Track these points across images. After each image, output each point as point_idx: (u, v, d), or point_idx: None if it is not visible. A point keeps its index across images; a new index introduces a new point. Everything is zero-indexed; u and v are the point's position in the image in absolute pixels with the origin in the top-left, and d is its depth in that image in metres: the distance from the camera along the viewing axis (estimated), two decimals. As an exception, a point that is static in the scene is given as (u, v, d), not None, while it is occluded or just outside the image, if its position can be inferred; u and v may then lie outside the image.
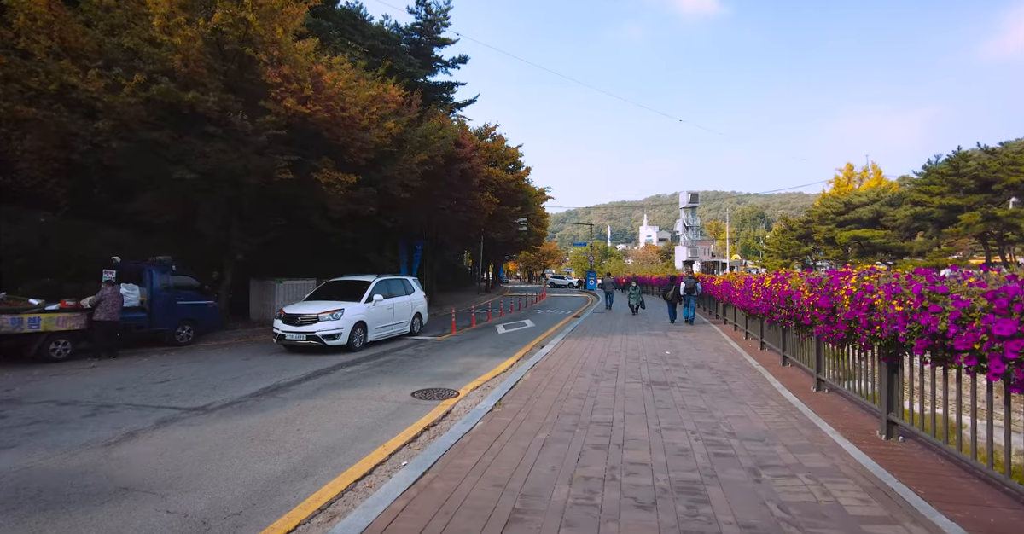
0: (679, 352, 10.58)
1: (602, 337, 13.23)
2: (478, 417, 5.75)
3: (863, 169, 53.18)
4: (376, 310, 12.26)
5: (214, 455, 5.02)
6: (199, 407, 6.87)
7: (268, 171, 12.49)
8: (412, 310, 14.10)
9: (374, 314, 12.18)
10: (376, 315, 12.27)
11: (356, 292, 12.22)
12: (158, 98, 10.35)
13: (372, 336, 12.12)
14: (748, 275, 13.42)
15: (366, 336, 11.86)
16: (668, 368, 8.72)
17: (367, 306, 11.97)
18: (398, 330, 13.38)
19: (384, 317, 12.66)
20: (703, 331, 14.77)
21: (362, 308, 11.82)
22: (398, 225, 21.38)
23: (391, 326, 13.00)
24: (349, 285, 12.72)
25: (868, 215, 32.07)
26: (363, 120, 13.00)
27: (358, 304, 11.80)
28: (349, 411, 6.66)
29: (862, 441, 4.76)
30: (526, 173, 26.41)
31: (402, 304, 13.54)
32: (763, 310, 8.84)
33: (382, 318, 12.56)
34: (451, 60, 26.87)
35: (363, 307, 11.87)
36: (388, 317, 12.84)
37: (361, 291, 12.23)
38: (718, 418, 5.66)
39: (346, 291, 12.35)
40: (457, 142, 19.30)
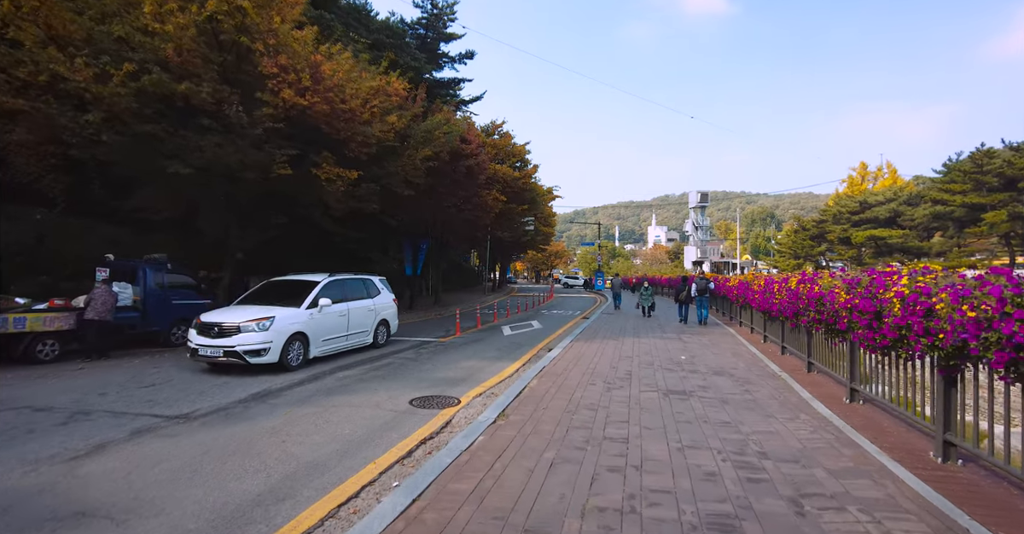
0: (695, 357, 10.00)
1: (612, 340, 12.66)
2: (479, 431, 5.23)
3: (877, 168, 52.12)
4: (322, 318, 9.82)
5: (186, 472, 4.54)
6: (181, 415, 6.40)
7: (266, 166, 12.04)
8: (375, 317, 11.62)
9: (320, 323, 9.74)
10: (323, 324, 9.83)
11: (297, 295, 9.85)
12: (150, 89, 9.92)
13: (317, 351, 9.71)
14: (768, 275, 12.81)
15: (307, 351, 9.41)
16: (685, 375, 8.15)
17: (308, 313, 9.54)
18: (356, 342, 10.99)
19: (334, 326, 10.24)
20: (717, 333, 14.16)
21: (301, 315, 9.39)
22: (402, 224, 20.92)
23: (345, 338, 10.60)
24: (291, 286, 10.46)
25: (885, 214, 31.19)
26: (364, 113, 12.52)
27: (296, 311, 9.36)
28: (341, 420, 6.16)
29: (915, 464, 4.18)
30: (533, 171, 25.88)
31: (361, 310, 11.10)
32: (787, 313, 8.24)
33: (331, 327, 10.13)
34: (457, 56, 26.39)
35: (303, 314, 9.43)
36: (340, 326, 10.43)
37: (304, 294, 9.87)
38: (745, 434, 5.10)
39: (286, 293, 10.09)
40: (463, 138, 18.79)
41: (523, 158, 26.21)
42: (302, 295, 9.86)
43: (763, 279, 10.67)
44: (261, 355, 8.64)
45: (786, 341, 10.09)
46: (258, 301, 10.01)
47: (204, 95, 10.27)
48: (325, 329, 9.95)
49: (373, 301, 11.72)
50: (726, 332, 14.51)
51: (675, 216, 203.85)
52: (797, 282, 7.48)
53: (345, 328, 10.61)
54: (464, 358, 10.71)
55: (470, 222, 22.18)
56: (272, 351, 8.72)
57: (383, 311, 12.06)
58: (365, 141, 13.11)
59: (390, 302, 12.49)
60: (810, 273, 7.29)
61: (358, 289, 11.49)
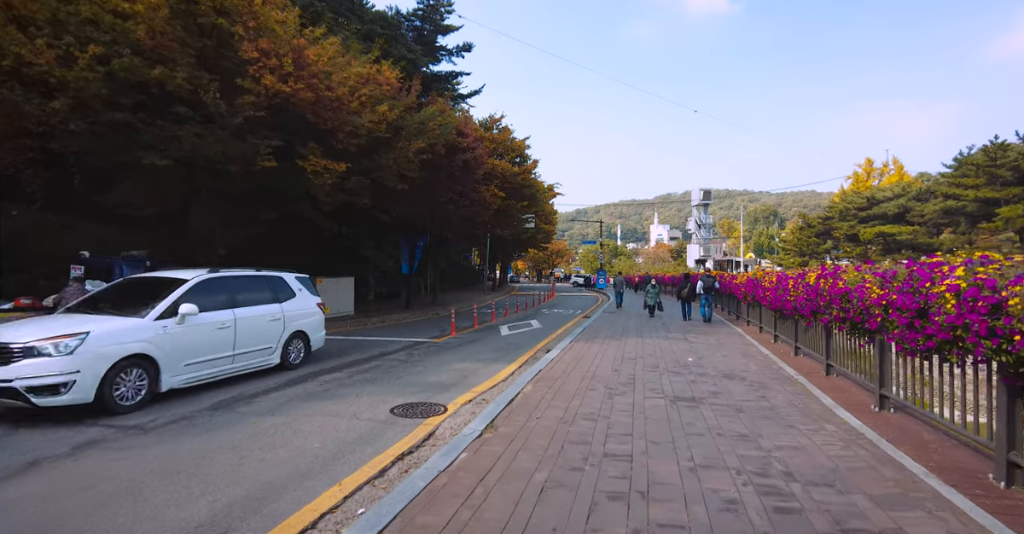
0: (703, 358, 9.35)
1: (615, 340, 12.01)
2: (462, 446, 4.59)
3: (883, 164, 51.34)
4: (185, 332, 6.90)
5: (120, 497, 3.92)
6: (138, 424, 5.79)
7: (249, 158, 11.43)
8: (283, 329, 8.60)
9: (180, 340, 6.83)
10: (186, 341, 6.91)
11: (152, 299, 6.94)
12: (121, 74, 9.32)
13: (177, 380, 6.82)
14: (780, 271, 12.16)
15: (156, 381, 6.54)
16: (694, 379, 7.50)
17: (159, 326, 6.65)
18: (249, 364, 7.97)
19: (209, 343, 7.22)
20: (724, 333, 13.51)
21: (145, 330, 6.50)
22: (397, 220, 20.31)
23: (229, 359, 7.56)
24: (147, 286, 7.53)
25: (893, 210, 30.43)
26: (352, 102, 11.90)
27: (137, 323, 6.51)
28: (312, 432, 5.54)
29: (973, 490, 3.53)
30: (533, 166, 25.19)
31: (258, 320, 8.11)
32: (804, 311, 7.59)
33: (203, 345, 7.12)
34: (455, 48, 25.74)
35: (148, 328, 6.54)
36: (220, 343, 7.39)
37: (158, 297, 6.95)
38: (766, 449, 4.45)
39: (137, 297, 7.23)
40: (459, 131, 18.16)
41: (523, 153, 25.53)
42: (154, 298, 6.93)
43: (775, 275, 10.01)
44: (59, 392, 5.66)
45: (800, 341, 9.43)
46: (93, 308, 7.08)
47: (179, 81, 9.65)
48: (191, 348, 6.94)
49: (282, 307, 8.72)
50: (733, 331, 13.86)
51: (677, 215, 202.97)
52: (817, 277, 6.82)
53: (230, 345, 7.56)
54: (457, 360, 10.08)
55: (468, 219, 21.55)
56: (80, 386, 5.76)
57: (298, 320, 8.96)
58: (354, 132, 12.48)
59: (312, 308, 9.48)
60: (830, 267, 6.63)
61: (257, 291, 8.46)
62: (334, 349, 11.20)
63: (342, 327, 15.96)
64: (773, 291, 9.82)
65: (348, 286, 18.01)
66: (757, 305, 13.26)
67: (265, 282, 8.83)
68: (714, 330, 14.15)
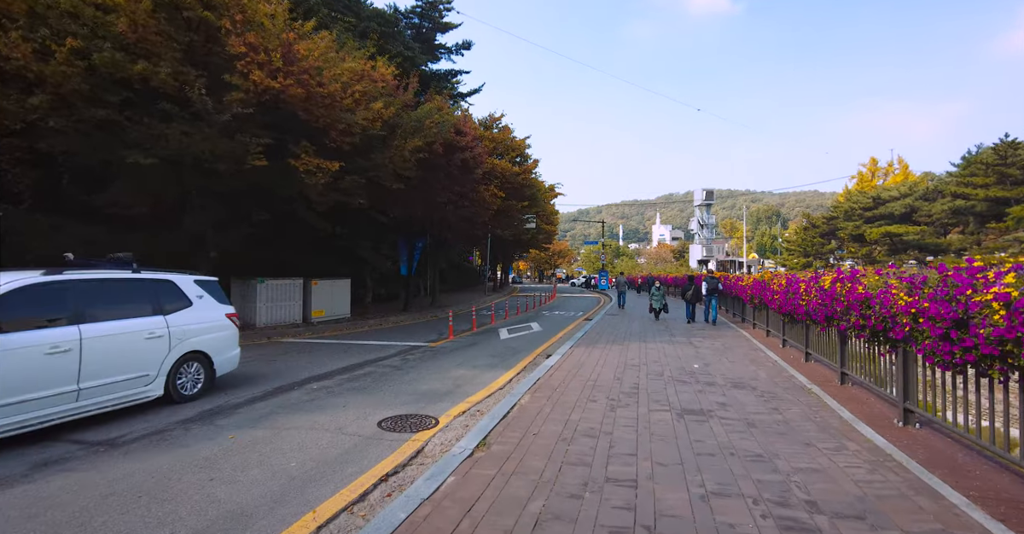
0: (709, 365, 8.93)
1: (617, 345, 11.60)
2: (450, 468, 4.19)
3: (888, 164, 50.87)
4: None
5: (70, 528, 3.53)
6: (107, 440, 5.41)
7: (239, 157, 11.06)
8: (169, 349, 6.61)
9: None
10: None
11: None
12: (103, 69, 8.95)
13: None
14: (790, 273, 11.74)
15: None
16: (701, 388, 7.08)
17: None
18: (111, 399, 5.92)
19: (36, 374, 5.20)
20: (730, 336, 13.09)
21: None
22: (395, 220, 19.93)
23: (72, 394, 5.50)
24: None
25: (900, 210, 29.94)
26: (345, 99, 11.52)
27: None
28: (292, 448, 5.15)
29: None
30: (534, 166, 24.76)
31: (125, 338, 6.13)
32: (818, 316, 7.17)
33: (23, 379, 5.09)
34: (454, 47, 25.37)
35: None
36: (58, 373, 5.39)
37: None
38: (784, 473, 4.04)
39: None
40: (458, 129, 17.76)
41: (523, 153, 25.13)
42: None
43: (784, 278, 9.59)
44: None
45: (812, 347, 9.01)
46: None
47: (163, 76, 9.28)
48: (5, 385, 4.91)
49: (167, 320, 6.67)
50: (739, 335, 13.43)
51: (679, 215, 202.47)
52: (833, 281, 6.40)
53: (71, 376, 5.49)
54: (453, 366, 9.68)
55: (468, 219, 21.15)
56: None
57: (195, 337, 6.97)
58: (347, 130, 12.10)
59: (217, 321, 7.42)
60: (846, 270, 6.22)
61: (125, 300, 6.43)
62: (324, 354, 10.83)
63: (338, 330, 15.59)
64: (783, 294, 9.40)
65: (344, 288, 17.64)
66: (764, 308, 12.84)
67: (140, 287, 6.68)
68: (720, 334, 13.73)
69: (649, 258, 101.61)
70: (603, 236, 56.41)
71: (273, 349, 11.77)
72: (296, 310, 15.99)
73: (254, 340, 13.25)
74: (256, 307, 14.84)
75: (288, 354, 11.03)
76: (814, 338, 8.78)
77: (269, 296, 15.21)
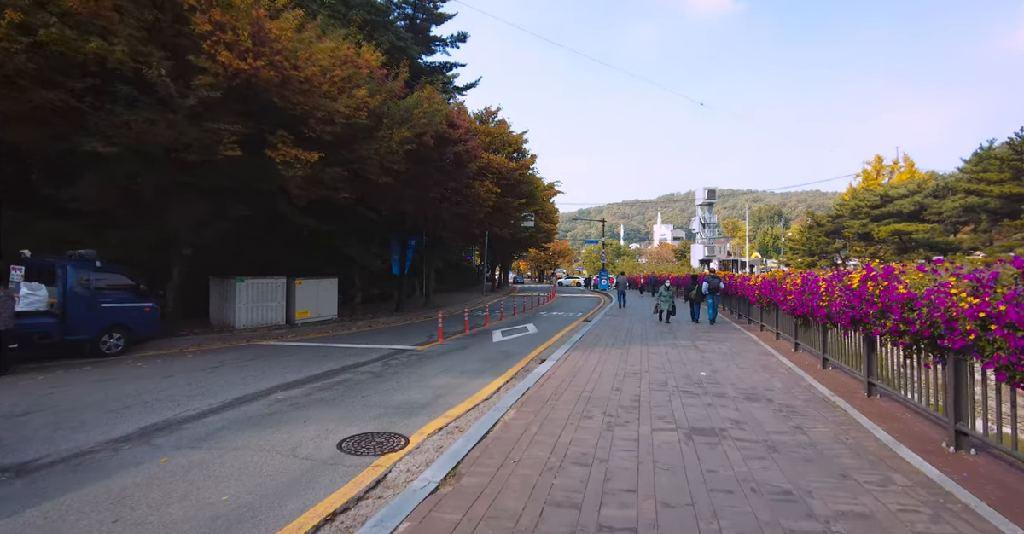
0: (717, 372, 8.12)
1: (616, 348, 10.79)
2: (408, 509, 3.39)
3: (893, 162, 50.05)
4: None
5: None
6: (18, 464, 4.62)
7: (209, 146, 10.28)
8: None
9: None
10: None
11: None
12: (52, 47, 8.16)
13: None
14: (806, 272, 10.93)
15: None
16: (710, 401, 6.27)
17: None
18: None
19: None
20: (737, 339, 12.27)
21: None
22: (386, 217, 19.16)
23: None
24: None
25: (909, 208, 29.07)
26: (324, 84, 10.72)
27: None
28: (231, 475, 4.36)
29: None
30: (531, 161, 23.86)
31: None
32: (841, 319, 6.36)
33: None
34: (449, 38, 24.58)
35: None
36: None
37: None
38: (823, 519, 3.23)
39: None
40: (450, 122, 16.96)
41: (520, 148, 24.29)
42: None
43: (799, 277, 8.78)
44: None
45: (830, 353, 8.19)
46: None
47: (120, 55, 8.49)
48: None
49: None
50: (746, 337, 12.62)
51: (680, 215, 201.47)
52: (863, 279, 5.59)
53: None
54: (438, 372, 8.88)
55: (462, 216, 20.35)
56: None
57: None
58: (328, 118, 11.31)
59: None
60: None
61: None
62: (301, 359, 10.03)
63: (324, 332, 14.80)
64: (797, 295, 8.59)
65: (331, 288, 16.85)
66: (774, 309, 12.02)
67: None
68: (725, 336, 12.91)
69: (650, 258, 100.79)
70: (604, 235, 55.51)
71: (249, 352, 10.98)
72: (279, 311, 15.20)
73: (231, 342, 12.47)
74: (235, 308, 14.05)
75: (262, 358, 10.24)
76: (833, 343, 7.96)
77: (250, 296, 14.42)
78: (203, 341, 12.34)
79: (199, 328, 13.81)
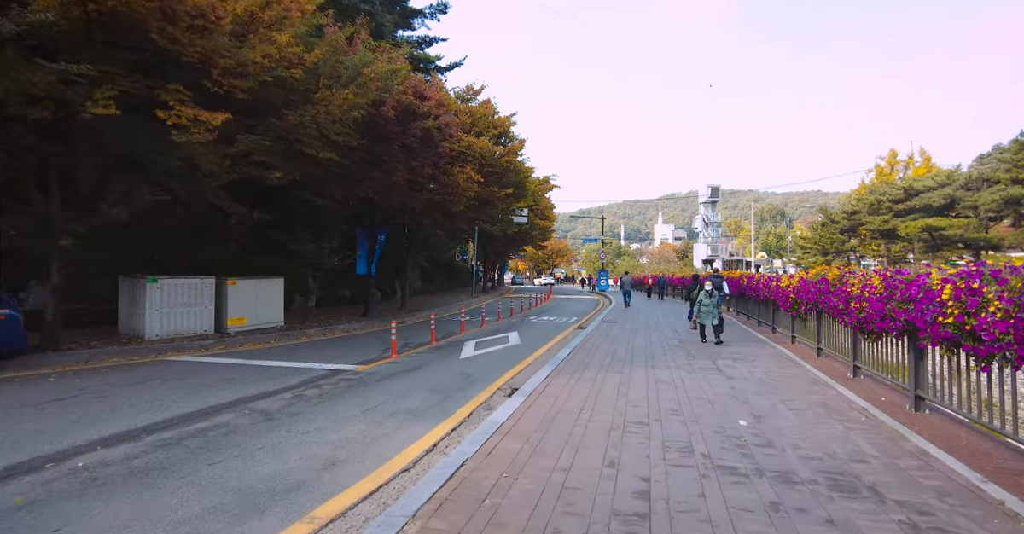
0: (762, 419, 5.44)
1: (614, 372, 8.13)
2: None
3: (908, 156, 47.48)
4: None
5: None
6: None
7: (68, 101, 7.65)
8: None
9: None
10: None
11: None
12: None
13: None
14: (864, 269, 8.31)
15: None
16: (774, 495, 3.57)
17: None
18: None
19: None
20: (766, 356, 9.64)
21: None
22: (351, 206, 16.50)
23: None
24: None
25: (939, 201, 26.38)
26: (225, 19, 8.05)
27: None
28: None
29: None
30: (519, 147, 20.98)
31: None
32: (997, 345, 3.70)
33: None
34: (428, 10, 21.91)
35: None
36: None
37: None
38: None
39: None
40: (419, 93, 14.30)
41: (507, 131, 21.58)
42: None
43: (876, 276, 6.14)
44: None
45: (924, 390, 5.52)
46: None
47: None
48: None
49: None
50: (777, 352, 9.98)
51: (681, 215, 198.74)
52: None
53: None
54: (360, 412, 6.23)
55: (438, 207, 17.66)
56: None
57: None
58: (238, 69, 8.65)
59: None
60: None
61: None
62: (189, 387, 7.31)
63: (261, 343, 12.18)
64: (875, 302, 5.92)
65: (276, 290, 14.17)
66: (817, 318, 9.37)
67: None
68: (752, 352, 10.26)
69: (652, 258, 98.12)
70: (603, 233, 52.80)
71: (137, 374, 8.38)
72: (205, 317, 12.53)
73: (132, 358, 9.86)
74: (145, 314, 11.37)
75: (144, 384, 7.62)
76: (949, 378, 5.29)
77: (165, 300, 11.75)
78: (95, 356, 9.71)
79: (100, 339, 11.15)
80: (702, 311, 11.47)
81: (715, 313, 11.29)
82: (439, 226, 23.18)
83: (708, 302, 11.33)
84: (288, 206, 13.87)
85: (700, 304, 11.51)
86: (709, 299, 11.31)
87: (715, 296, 11.37)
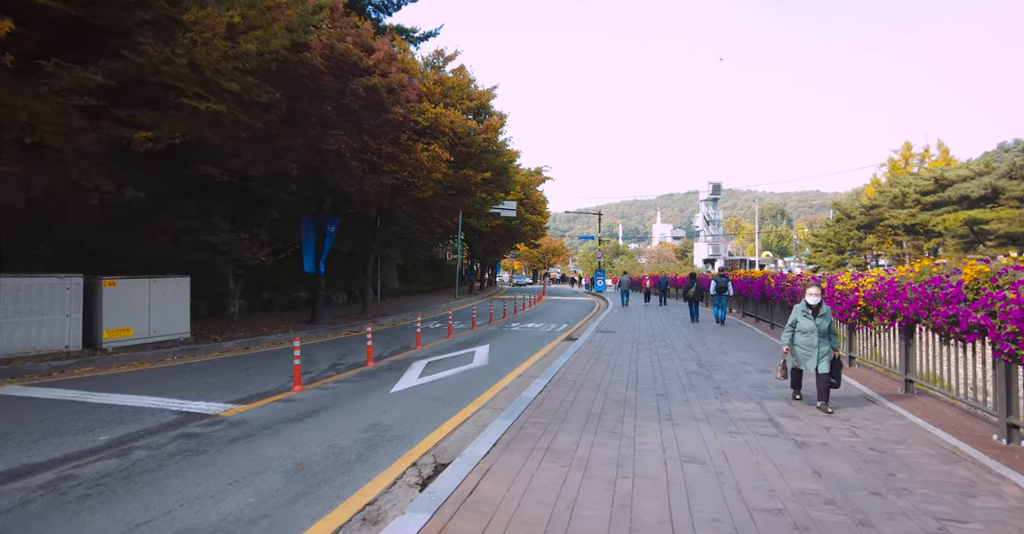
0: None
1: (607, 435, 5.08)
2: None
3: (924, 149, 44.53)
4: None
5: None
6: None
7: None
8: None
9: None
10: None
11: None
12: None
13: None
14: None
15: None
16: None
17: None
18: None
19: None
20: (844, 398, 6.56)
21: None
22: (243, 179, 13.33)
23: None
24: None
25: (979, 192, 23.42)
26: None
27: None
28: None
29: None
30: (500, 123, 17.54)
31: None
32: None
33: None
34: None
35: None
36: None
37: None
38: None
39: None
40: (363, 44, 11.24)
41: (485, 105, 18.37)
42: None
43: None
44: None
45: None
46: None
47: None
48: None
49: None
50: (855, 390, 6.93)
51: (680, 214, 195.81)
52: None
53: None
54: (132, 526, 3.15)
55: (397, 188, 14.57)
56: None
57: None
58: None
59: None
60: None
61: None
62: None
63: (147, 362, 9.17)
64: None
65: (178, 291, 11.08)
66: (898, 336, 6.32)
67: None
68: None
69: (651, 257, 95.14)
70: (600, 231, 49.74)
71: None
72: (69, 329, 9.45)
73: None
74: (-20, 325, 8.30)
75: None
76: None
77: (8, 306, 8.68)
78: None
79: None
80: (799, 346, 6.06)
81: (824, 351, 5.83)
82: (414, 218, 20.10)
83: (808, 327, 5.92)
84: (177, 180, 10.73)
85: (796, 331, 6.09)
86: (810, 320, 5.91)
87: (817, 319, 5.90)
